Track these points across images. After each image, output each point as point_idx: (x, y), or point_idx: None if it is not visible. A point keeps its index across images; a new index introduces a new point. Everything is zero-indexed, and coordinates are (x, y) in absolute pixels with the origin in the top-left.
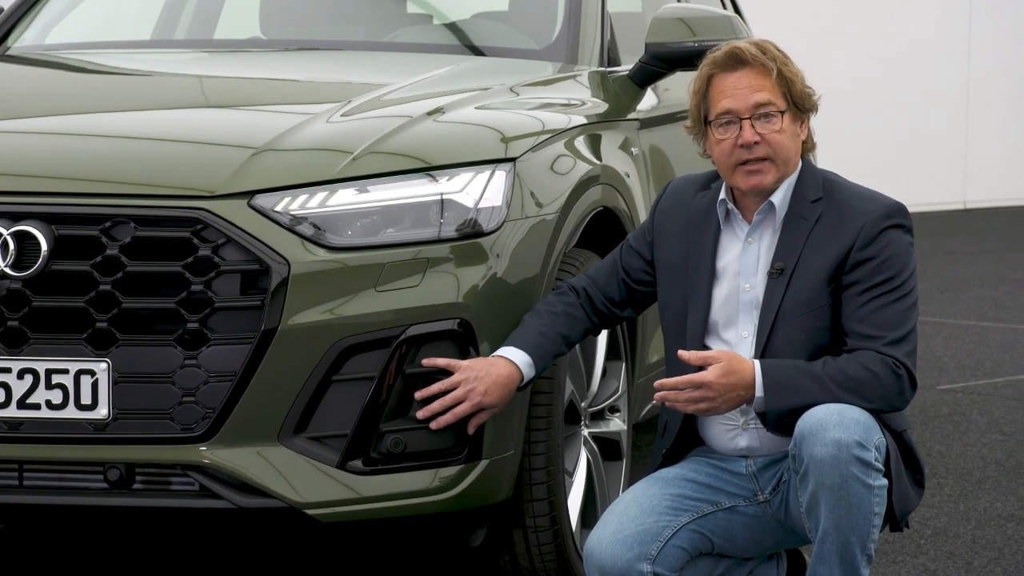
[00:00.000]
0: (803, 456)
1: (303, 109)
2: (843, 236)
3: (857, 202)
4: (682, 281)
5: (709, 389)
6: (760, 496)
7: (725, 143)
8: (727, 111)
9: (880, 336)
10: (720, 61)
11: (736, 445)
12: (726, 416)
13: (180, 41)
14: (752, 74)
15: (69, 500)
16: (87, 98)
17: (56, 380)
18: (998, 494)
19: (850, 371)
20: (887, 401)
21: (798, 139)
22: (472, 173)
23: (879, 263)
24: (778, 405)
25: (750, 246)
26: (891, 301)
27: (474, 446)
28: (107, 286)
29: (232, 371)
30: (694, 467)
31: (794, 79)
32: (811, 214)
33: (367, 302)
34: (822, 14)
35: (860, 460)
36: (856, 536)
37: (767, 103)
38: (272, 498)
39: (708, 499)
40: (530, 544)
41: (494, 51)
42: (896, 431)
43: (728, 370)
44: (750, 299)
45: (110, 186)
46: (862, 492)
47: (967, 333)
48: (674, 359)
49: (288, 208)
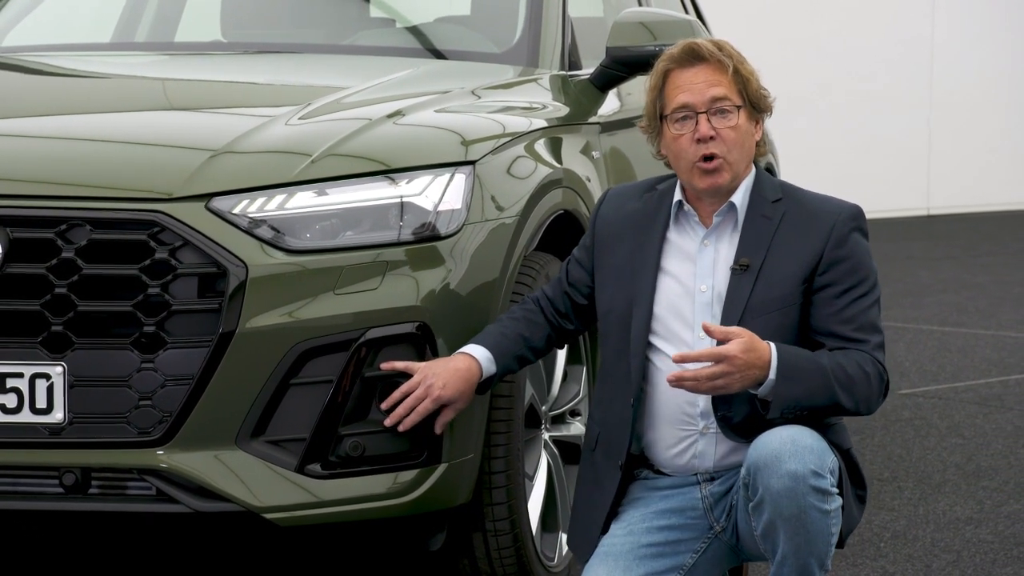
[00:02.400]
0: (758, 487)
1: (262, 112)
2: (814, 235)
3: (820, 203)
4: (628, 282)
5: (731, 363)
6: (716, 527)
7: (682, 138)
8: (683, 105)
9: (866, 339)
10: (677, 57)
11: (690, 454)
12: (682, 420)
13: (140, 44)
14: (709, 70)
15: (24, 505)
16: (43, 100)
17: (11, 384)
18: (957, 497)
19: (848, 368)
20: (868, 403)
21: (752, 138)
22: (431, 176)
23: (853, 264)
24: (786, 391)
25: (706, 248)
26: (869, 305)
27: (433, 450)
28: (63, 289)
29: (189, 374)
30: (647, 524)
31: (750, 78)
32: (774, 213)
33: (326, 305)
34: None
35: (816, 489)
36: (815, 557)
37: (723, 98)
38: (230, 502)
39: (672, 566)
40: (490, 548)
41: (455, 55)
42: (843, 449)
43: (749, 347)
44: (707, 300)
45: (65, 188)
46: (820, 518)
47: (929, 338)
48: (612, 370)
49: (246, 211)
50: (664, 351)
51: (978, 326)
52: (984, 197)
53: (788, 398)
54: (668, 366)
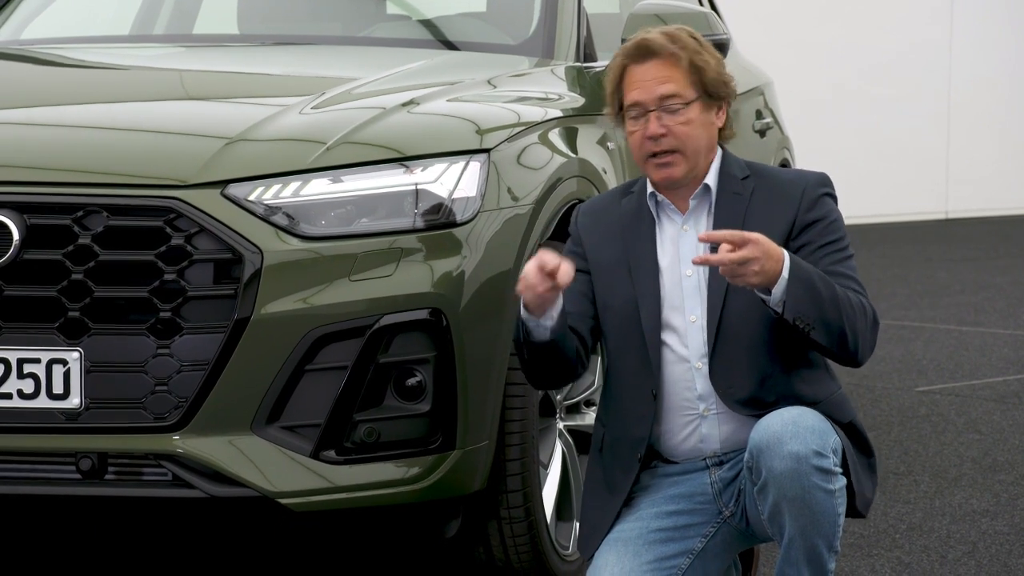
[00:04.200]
0: (761, 469)
1: (276, 101)
2: (785, 204)
3: (786, 175)
4: (624, 280)
5: (756, 245)
6: (725, 511)
7: (636, 135)
8: (634, 103)
9: (854, 289)
10: (631, 52)
11: (696, 438)
12: (684, 407)
13: (158, 36)
14: (660, 65)
15: (41, 490)
16: (61, 89)
17: (28, 369)
18: (974, 490)
19: (851, 296)
20: (865, 344)
21: (712, 127)
22: (446, 163)
23: (826, 225)
24: (797, 292)
25: (686, 233)
26: (847, 258)
27: (447, 436)
28: (79, 275)
29: (205, 360)
30: (656, 509)
31: (706, 67)
32: (744, 189)
33: (340, 291)
34: (803, 23)
35: (819, 469)
36: (822, 538)
37: (672, 95)
38: (245, 487)
39: (682, 551)
40: (504, 536)
41: (470, 46)
42: (845, 421)
43: (762, 237)
44: (693, 284)
45: (82, 175)
46: (824, 498)
47: (946, 337)
48: (620, 369)
49: (261, 198)
50: (666, 342)
51: (996, 325)
52: (1002, 201)
53: (800, 301)
54: (669, 358)
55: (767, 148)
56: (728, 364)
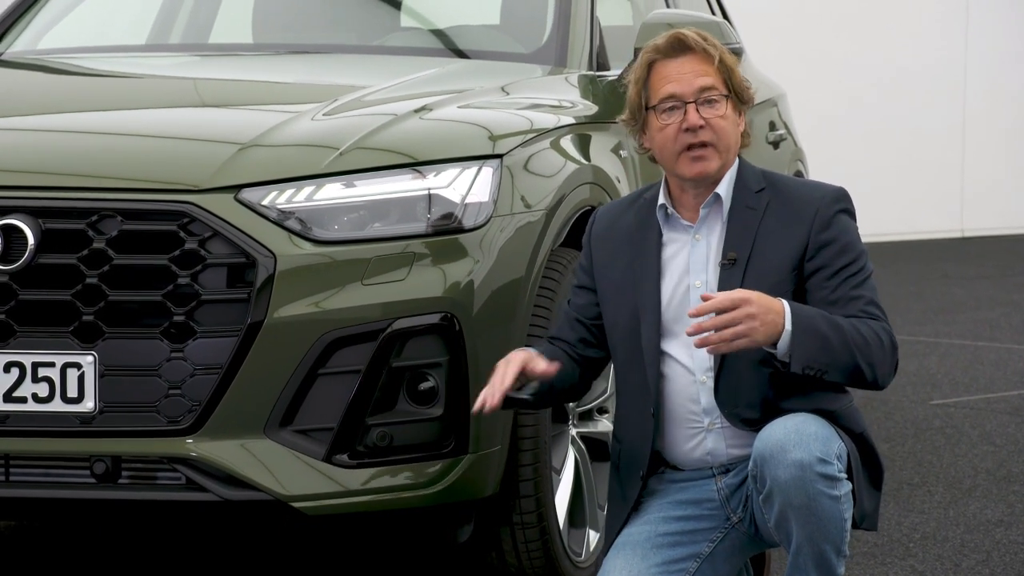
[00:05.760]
0: (765, 478)
1: (289, 108)
2: (799, 222)
3: (803, 189)
4: (630, 294)
5: (750, 304)
6: (733, 517)
7: (669, 128)
8: (671, 95)
9: (873, 316)
10: (663, 47)
11: (702, 450)
12: (688, 419)
13: (173, 45)
14: (696, 60)
15: (55, 494)
16: (76, 97)
17: (42, 373)
18: (988, 501)
19: (861, 329)
20: (884, 372)
21: (738, 129)
22: (459, 169)
23: (841, 246)
24: (804, 342)
25: (698, 242)
26: (864, 280)
27: (460, 440)
28: (93, 279)
29: (218, 364)
30: (663, 514)
31: (734, 69)
32: (758, 203)
33: (353, 296)
34: (818, 39)
35: (823, 476)
36: (830, 544)
37: (711, 87)
38: (258, 491)
39: (690, 554)
40: (517, 542)
41: (483, 55)
42: (856, 432)
43: (760, 295)
44: (701, 294)
45: (97, 180)
46: (830, 505)
47: (961, 352)
48: (626, 383)
49: (275, 202)
50: (671, 354)
51: (1011, 341)
52: (1019, 219)
53: (808, 350)
54: (675, 370)
55: (780, 160)
56: (735, 380)
